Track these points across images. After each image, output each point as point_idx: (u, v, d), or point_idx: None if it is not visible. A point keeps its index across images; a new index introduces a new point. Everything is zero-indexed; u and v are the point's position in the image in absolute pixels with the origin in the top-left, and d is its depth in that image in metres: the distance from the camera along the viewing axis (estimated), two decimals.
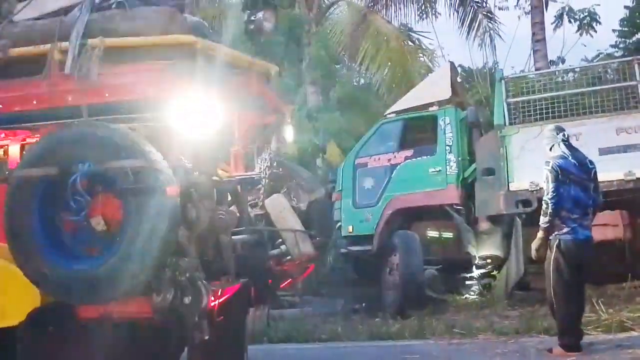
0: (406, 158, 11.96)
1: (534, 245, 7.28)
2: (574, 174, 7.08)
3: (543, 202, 7.14)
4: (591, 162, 7.28)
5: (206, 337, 5.30)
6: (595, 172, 7.22)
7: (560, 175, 7.06)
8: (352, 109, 17.77)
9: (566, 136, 7.32)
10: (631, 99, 10.29)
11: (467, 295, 11.37)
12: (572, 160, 7.15)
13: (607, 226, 9.63)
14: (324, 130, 16.54)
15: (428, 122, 12.05)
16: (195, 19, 6.22)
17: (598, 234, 8.10)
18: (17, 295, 5.32)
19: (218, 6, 18.86)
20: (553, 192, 7.05)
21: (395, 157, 12.08)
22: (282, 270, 6.46)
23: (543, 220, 7.18)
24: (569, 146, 7.29)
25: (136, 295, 5.12)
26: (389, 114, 12.86)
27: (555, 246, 7.06)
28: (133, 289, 5.06)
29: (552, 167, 7.13)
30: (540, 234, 7.25)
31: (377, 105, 17.42)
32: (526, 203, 10.30)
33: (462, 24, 19.60)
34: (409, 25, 20.75)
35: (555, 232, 7.07)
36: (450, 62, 13.61)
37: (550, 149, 7.34)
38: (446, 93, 11.91)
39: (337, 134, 16.10)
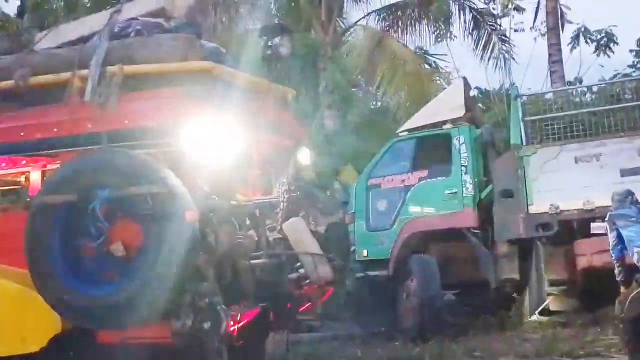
0: (420, 179, 11.66)
1: (619, 300, 7.00)
2: (635, 217, 6.88)
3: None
4: None
5: None
6: None
7: (620, 221, 6.89)
8: (370, 132, 17.76)
9: (635, 199, 7.11)
10: None
11: (486, 319, 11.24)
12: (634, 208, 6.95)
13: None
14: (341, 153, 16.55)
15: (442, 140, 11.73)
16: (213, 45, 6.29)
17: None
18: (38, 322, 5.37)
19: (234, 32, 19.04)
20: (613, 239, 6.92)
21: (409, 177, 11.76)
22: (301, 294, 6.45)
23: (617, 274, 6.98)
24: (636, 204, 7.07)
25: (156, 320, 5.15)
26: (401, 131, 12.57)
27: None
28: (152, 314, 5.09)
29: (609, 216, 7.00)
30: (622, 289, 7.01)
31: (395, 128, 17.43)
32: (546, 226, 10.04)
33: (477, 46, 19.64)
34: (425, 48, 20.84)
35: None
36: (464, 77, 13.27)
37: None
38: (460, 111, 11.61)
39: (355, 157, 16.08)
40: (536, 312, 10.53)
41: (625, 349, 7.03)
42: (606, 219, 7.09)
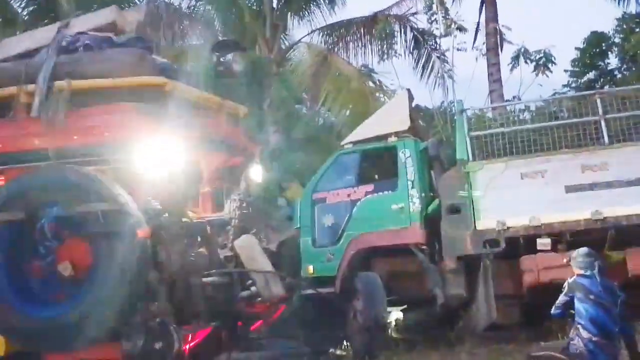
0: (367, 193, 11.43)
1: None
2: (595, 294, 6.94)
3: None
4: (620, 290, 7.13)
5: None
6: (623, 301, 7.05)
7: (579, 291, 6.96)
8: (315, 149, 17.78)
9: (600, 265, 7.20)
10: (594, 135, 10.21)
11: (433, 334, 11.29)
12: (598, 282, 7.02)
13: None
14: (287, 169, 16.51)
15: (387, 153, 11.56)
16: (164, 61, 6.23)
17: (563, 275, 7.97)
18: None
19: (178, 48, 18.88)
20: (563, 302, 7.04)
21: (355, 192, 11.57)
22: (253, 312, 6.39)
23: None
24: (601, 271, 7.14)
25: (106, 341, 5.03)
26: (346, 144, 12.37)
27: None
28: (102, 335, 4.98)
29: (572, 281, 7.08)
30: None
31: (340, 145, 17.52)
32: (494, 243, 10.01)
33: (417, 64, 19.90)
34: (370, 66, 20.99)
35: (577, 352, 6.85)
36: (407, 89, 13.10)
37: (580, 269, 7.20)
38: (405, 123, 11.48)
39: (300, 173, 16.06)
40: (484, 327, 10.59)
41: None
42: (569, 279, 7.18)
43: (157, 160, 5.25)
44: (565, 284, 7.01)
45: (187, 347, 5.35)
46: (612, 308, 6.83)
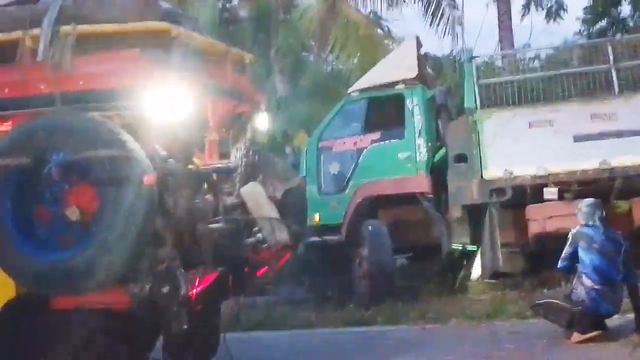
0: (373, 142, 11.37)
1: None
2: (598, 243, 6.94)
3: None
4: (623, 239, 7.13)
5: (184, 327, 5.28)
6: (626, 250, 7.05)
7: (582, 240, 6.97)
8: (322, 97, 17.70)
9: (604, 213, 7.18)
10: (604, 84, 10.10)
11: (437, 282, 11.41)
12: (601, 231, 7.01)
13: None
14: (293, 118, 16.49)
15: (394, 101, 11.45)
16: (169, 6, 6.16)
17: (569, 224, 8.03)
18: None
19: None
20: (567, 254, 7.07)
21: (361, 140, 11.51)
22: (259, 258, 6.43)
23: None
24: (603, 221, 7.13)
25: (113, 285, 5.09)
26: (353, 91, 12.26)
27: (575, 311, 6.90)
28: (110, 279, 5.03)
29: (576, 231, 7.08)
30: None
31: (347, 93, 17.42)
32: (500, 192, 10.04)
33: (427, 11, 19.68)
34: (379, 13, 20.77)
35: (579, 300, 6.88)
36: (416, 36, 12.95)
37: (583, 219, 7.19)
38: (413, 71, 11.37)
39: (307, 122, 16.04)
40: (488, 275, 10.68)
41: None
42: (573, 230, 7.20)
43: (163, 107, 5.22)
44: (569, 235, 7.07)
45: (194, 291, 5.39)
46: (615, 257, 6.89)
